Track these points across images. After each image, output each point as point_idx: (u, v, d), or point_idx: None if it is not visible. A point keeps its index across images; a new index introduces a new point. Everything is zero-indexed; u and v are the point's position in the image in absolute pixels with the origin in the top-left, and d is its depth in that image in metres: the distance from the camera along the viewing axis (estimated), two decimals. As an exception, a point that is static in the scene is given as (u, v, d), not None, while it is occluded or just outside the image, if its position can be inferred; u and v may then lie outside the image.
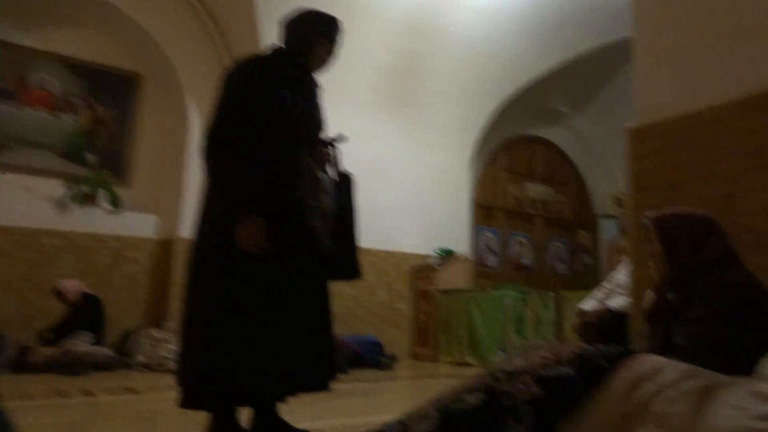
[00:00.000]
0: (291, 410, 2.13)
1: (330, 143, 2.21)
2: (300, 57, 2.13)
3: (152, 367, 4.75)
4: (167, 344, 4.88)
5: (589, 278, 9.11)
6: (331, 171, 2.21)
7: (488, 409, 0.75)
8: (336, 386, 2.10)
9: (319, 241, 2.01)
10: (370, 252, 6.57)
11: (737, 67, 2.41)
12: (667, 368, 0.75)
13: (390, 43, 6.56)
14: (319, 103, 2.22)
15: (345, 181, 2.24)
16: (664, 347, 1.56)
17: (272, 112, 1.99)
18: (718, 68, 2.49)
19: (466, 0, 6.43)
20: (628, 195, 2.80)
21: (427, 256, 7.09)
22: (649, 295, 1.88)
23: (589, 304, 3.84)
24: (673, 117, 2.58)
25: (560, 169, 9.32)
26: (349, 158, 2.83)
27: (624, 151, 2.83)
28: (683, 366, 0.76)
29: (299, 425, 2.06)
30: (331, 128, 2.30)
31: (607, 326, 3.48)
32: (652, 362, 0.78)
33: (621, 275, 3.69)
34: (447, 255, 7.02)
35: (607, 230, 8.93)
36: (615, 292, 3.72)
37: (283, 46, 2.16)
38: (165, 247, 6.21)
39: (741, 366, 1.24)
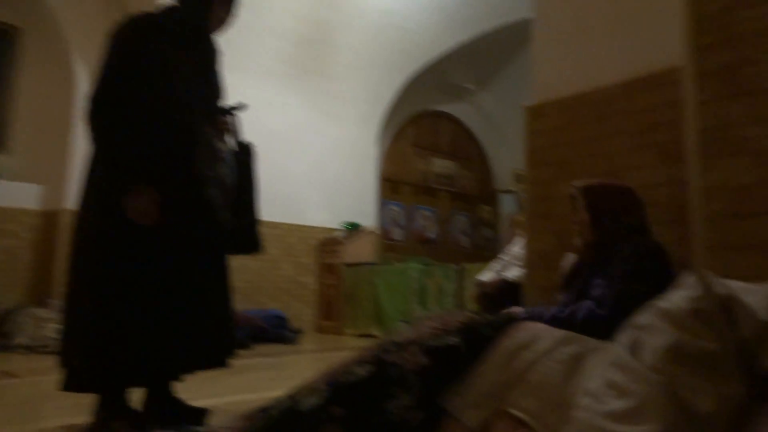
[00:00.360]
0: (189, 388, 2.05)
1: (229, 111, 2.09)
2: (197, 17, 1.98)
3: (35, 349, 4.41)
4: (52, 324, 4.55)
5: (490, 251, 9.49)
6: (230, 141, 2.11)
7: (376, 381, 0.74)
8: (238, 362, 2.04)
9: (215, 212, 1.93)
10: (276, 225, 6.45)
11: (624, 51, 2.55)
12: (544, 336, 0.77)
13: (298, 10, 6.37)
14: (217, 69, 2.10)
15: (245, 152, 2.13)
16: (579, 295, 1.75)
17: (165, 76, 1.85)
18: (607, 51, 2.62)
19: (374, -30, 6.36)
20: (525, 171, 2.90)
21: (334, 230, 7.08)
22: (569, 258, 2.07)
23: (487, 275, 4.01)
24: (566, 96, 2.70)
25: (465, 145, 9.56)
26: (253, 128, 2.72)
27: (522, 129, 2.93)
28: (559, 333, 0.78)
29: (197, 403, 1.99)
30: (232, 96, 2.18)
31: (503, 296, 3.65)
32: (531, 330, 0.79)
33: (517, 248, 3.87)
34: (353, 228, 7.05)
35: (508, 205, 9.33)
36: (511, 263, 3.90)
37: (178, 4, 2.01)
38: (49, 219, 5.75)
39: None
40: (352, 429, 0.71)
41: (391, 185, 8.41)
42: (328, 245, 6.96)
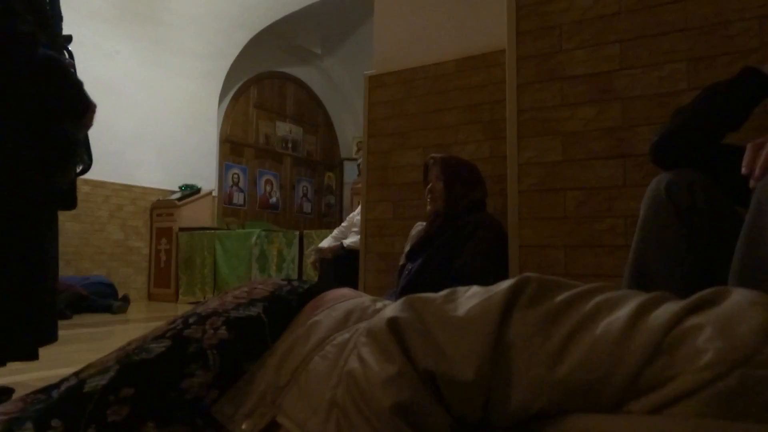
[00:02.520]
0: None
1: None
2: None
3: None
4: None
5: (332, 218, 9.61)
6: None
7: (172, 357, 0.68)
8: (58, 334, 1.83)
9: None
10: (102, 185, 5.90)
11: (459, 29, 2.67)
12: (324, 322, 0.73)
13: (128, -52, 5.76)
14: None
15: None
16: (426, 261, 2.01)
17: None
18: (444, 27, 2.72)
19: None
20: (363, 139, 2.94)
21: (170, 192, 6.65)
22: (418, 228, 2.30)
23: (327, 241, 4.04)
24: (405, 68, 2.77)
25: (311, 110, 9.48)
26: (78, 75, 2.40)
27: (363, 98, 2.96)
28: (340, 312, 0.74)
29: (1, 381, 1.77)
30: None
31: (341, 262, 3.72)
32: (329, 307, 0.76)
33: (356, 215, 3.95)
34: (191, 191, 6.68)
35: (351, 173, 9.47)
36: (350, 230, 3.97)
37: None
38: None
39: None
40: (141, 410, 0.65)
41: (232, 147, 8.09)
42: (161, 208, 6.52)
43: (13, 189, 1.56)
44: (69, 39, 1.80)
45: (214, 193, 7.20)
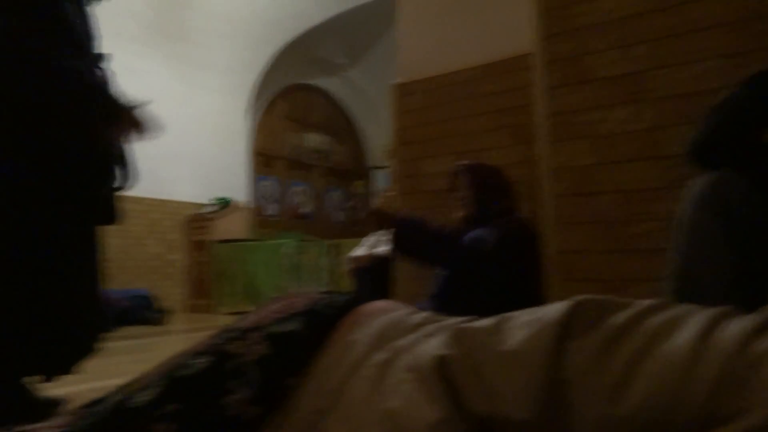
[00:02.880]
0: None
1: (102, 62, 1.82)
2: None
3: None
4: None
5: (363, 226, 9.63)
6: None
7: (214, 373, 0.69)
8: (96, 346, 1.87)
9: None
10: (139, 200, 6.05)
11: (482, 36, 2.66)
12: (360, 340, 0.72)
13: (157, -30, 5.93)
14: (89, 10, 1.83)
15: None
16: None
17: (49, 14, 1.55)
18: (466, 34, 2.72)
19: (242, -67, 6.06)
20: (393, 148, 2.96)
21: (203, 205, 6.78)
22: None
23: (359, 250, 4.06)
24: (431, 76, 2.77)
25: (338, 120, 9.55)
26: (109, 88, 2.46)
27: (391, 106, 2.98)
28: (375, 329, 0.72)
29: (52, 392, 1.81)
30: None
31: (375, 270, 3.73)
32: (364, 324, 0.74)
33: (387, 223, 3.96)
34: (224, 204, 6.80)
35: (380, 180, 9.50)
36: (383, 238, 3.98)
37: None
38: None
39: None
40: (186, 426, 0.66)
41: (263, 159, 8.20)
42: (197, 221, 6.66)
43: (41, 203, 1.58)
44: (104, 58, 1.82)
45: (248, 205, 7.31)
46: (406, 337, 0.69)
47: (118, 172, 1.86)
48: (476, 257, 1.88)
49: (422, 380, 0.60)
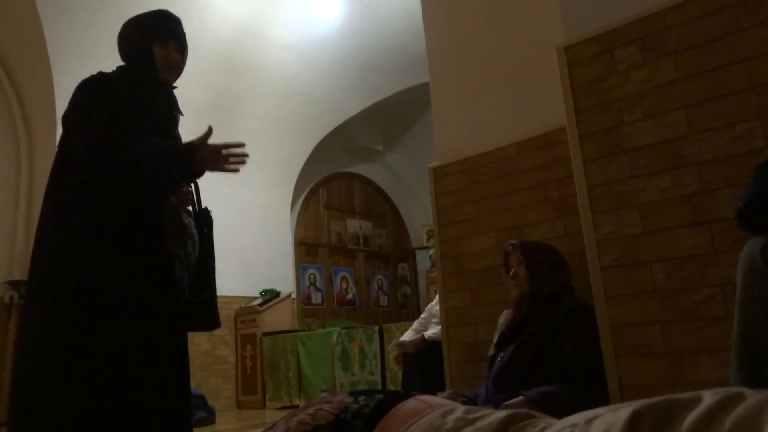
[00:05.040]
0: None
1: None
2: (144, 69, 1.81)
3: None
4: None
5: (410, 308, 9.53)
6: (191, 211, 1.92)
7: None
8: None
9: (182, 293, 1.76)
10: (188, 298, 6.17)
11: (515, 113, 2.72)
12: None
13: (201, 79, 6.35)
14: (175, 128, 1.93)
15: (206, 221, 1.96)
16: (517, 349, 1.94)
17: (126, 139, 1.66)
18: (499, 113, 2.78)
19: (277, 39, 6.50)
20: (434, 229, 2.97)
21: (251, 298, 6.86)
22: (506, 315, 2.20)
23: (408, 335, 3.99)
24: (467, 157, 2.82)
25: (378, 204, 9.72)
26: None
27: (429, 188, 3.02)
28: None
29: None
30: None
31: (424, 355, 3.64)
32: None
33: (435, 305, 3.90)
34: (271, 296, 6.86)
35: (424, 262, 9.47)
36: (431, 321, 3.92)
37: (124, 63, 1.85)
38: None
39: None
40: None
41: (307, 249, 8.33)
42: (245, 315, 6.71)
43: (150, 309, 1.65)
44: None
45: (293, 295, 7.36)
46: None
47: (213, 278, 1.94)
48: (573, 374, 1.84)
49: None
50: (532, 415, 0.66)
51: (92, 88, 1.74)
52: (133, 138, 1.67)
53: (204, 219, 1.96)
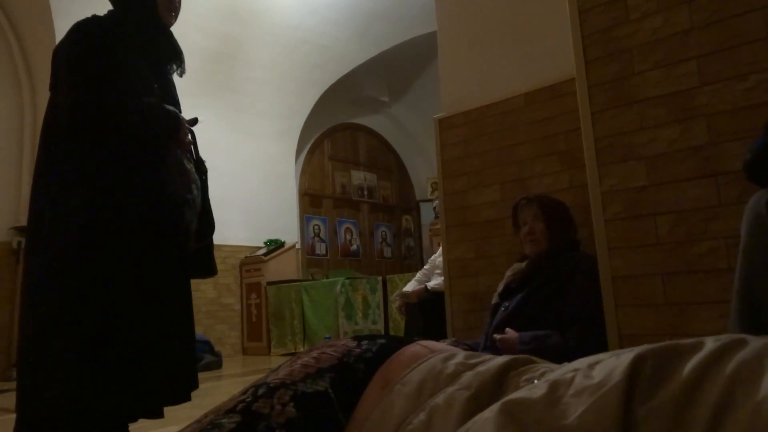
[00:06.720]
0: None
1: (189, 126, 1.91)
2: (146, 12, 1.76)
3: None
4: None
5: (413, 260, 9.62)
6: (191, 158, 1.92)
7: None
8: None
9: (190, 238, 1.77)
10: (193, 247, 6.24)
11: (523, 63, 2.67)
12: (398, 398, 0.67)
13: (206, 25, 6.22)
14: (171, 75, 1.91)
15: (202, 170, 1.96)
16: (524, 300, 1.95)
17: (127, 87, 1.64)
18: (507, 64, 2.73)
19: (283, -14, 6.33)
20: (438, 181, 2.96)
21: (256, 248, 6.92)
22: (516, 267, 2.17)
23: (411, 285, 4.04)
24: (473, 108, 2.78)
25: (383, 157, 9.67)
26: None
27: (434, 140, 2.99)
28: (413, 384, 0.68)
29: None
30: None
31: (426, 305, 3.70)
32: (399, 381, 0.70)
33: (438, 257, 3.94)
34: (276, 246, 6.93)
35: (428, 214, 9.50)
36: (434, 272, 3.96)
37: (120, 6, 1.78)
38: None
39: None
40: None
41: (311, 200, 8.35)
42: (249, 264, 6.80)
43: (150, 257, 1.65)
44: (193, 122, 1.94)
45: (298, 246, 7.42)
46: (443, 391, 0.65)
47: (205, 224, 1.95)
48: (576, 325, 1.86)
49: None
50: (533, 360, 0.67)
51: (87, 34, 1.67)
52: (121, 98, 1.64)
53: (200, 166, 1.97)
